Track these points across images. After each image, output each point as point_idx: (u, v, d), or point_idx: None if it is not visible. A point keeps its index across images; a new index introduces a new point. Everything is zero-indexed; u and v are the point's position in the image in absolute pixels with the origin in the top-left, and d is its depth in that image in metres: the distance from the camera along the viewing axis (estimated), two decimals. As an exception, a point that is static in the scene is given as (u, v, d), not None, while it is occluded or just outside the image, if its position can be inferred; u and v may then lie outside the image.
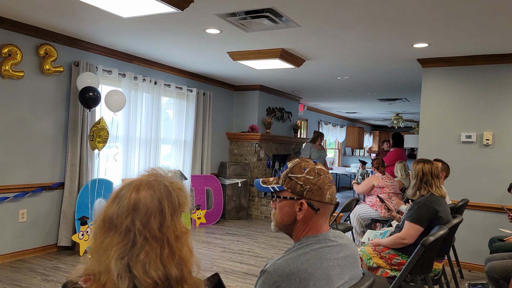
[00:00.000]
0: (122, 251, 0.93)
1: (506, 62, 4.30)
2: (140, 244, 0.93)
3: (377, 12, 3.20)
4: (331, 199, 1.35)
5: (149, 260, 0.92)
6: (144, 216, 0.95)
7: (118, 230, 0.94)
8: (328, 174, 1.37)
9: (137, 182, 1.01)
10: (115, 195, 1.00)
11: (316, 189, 1.32)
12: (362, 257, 3.01)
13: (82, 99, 4.17)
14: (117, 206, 0.97)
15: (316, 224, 1.34)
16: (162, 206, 0.97)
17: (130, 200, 0.96)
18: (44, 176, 4.27)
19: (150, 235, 0.94)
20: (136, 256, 0.93)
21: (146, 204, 0.96)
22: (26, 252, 4.14)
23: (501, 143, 4.35)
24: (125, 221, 0.94)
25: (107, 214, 0.97)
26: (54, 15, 3.64)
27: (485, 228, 4.37)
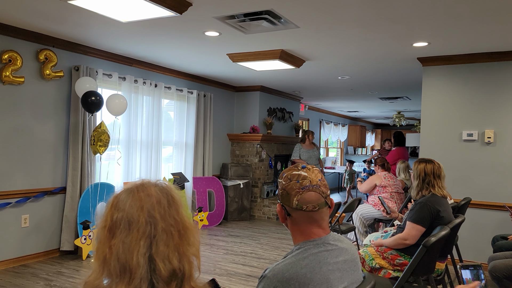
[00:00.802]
0: (146, 245, 0.92)
1: (506, 59, 4.28)
2: (160, 236, 0.94)
3: (375, 12, 3.19)
4: (299, 206, 1.32)
5: (170, 250, 0.94)
6: (158, 205, 0.96)
7: (135, 226, 0.94)
8: (303, 180, 1.34)
9: (138, 184, 1.01)
10: (115, 202, 0.98)
11: (284, 194, 1.35)
12: (364, 258, 3.00)
13: (85, 104, 4.19)
14: (126, 205, 0.96)
15: (305, 228, 1.34)
16: (172, 197, 1.00)
17: (140, 196, 0.97)
18: (45, 181, 4.28)
19: (168, 224, 0.96)
20: (157, 248, 0.93)
21: (158, 196, 0.98)
22: (29, 257, 4.16)
23: (502, 141, 4.33)
24: (142, 214, 0.94)
25: (114, 218, 0.96)
26: (53, 21, 3.65)
27: (488, 226, 4.35)
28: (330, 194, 1.42)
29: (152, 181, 1.03)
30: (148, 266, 0.91)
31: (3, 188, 3.92)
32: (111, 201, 0.99)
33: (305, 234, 1.34)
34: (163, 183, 1.04)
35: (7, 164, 3.96)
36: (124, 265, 0.91)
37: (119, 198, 0.99)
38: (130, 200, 0.97)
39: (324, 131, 11.39)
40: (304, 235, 1.34)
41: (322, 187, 1.35)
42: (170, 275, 0.92)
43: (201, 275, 1.21)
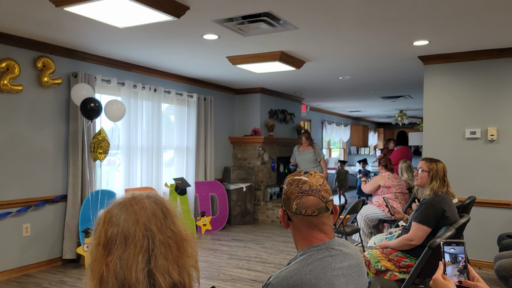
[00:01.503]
0: (145, 260, 0.89)
1: (507, 56, 4.24)
2: (158, 249, 0.91)
3: (375, 11, 3.15)
4: (299, 210, 1.31)
5: (169, 263, 0.91)
6: (154, 218, 0.94)
7: (132, 240, 0.90)
8: (303, 184, 1.32)
9: (130, 198, 0.97)
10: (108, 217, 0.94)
11: (285, 198, 1.36)
12: (370, 260, 2.96)
13: (84, 111, 4.16)
14: (120, 220, 0.92)
15: (305, 233, 1.33)
16: (166, 209, 0.98)
17: (134, 210, 0.94)
18: (46, 189, 4.26)
19: (165, 236, 0.93)
20: (156, 262, 0.90)
21: (153, 208, 0.95)
22: (31, 266, 4.13)
23: (506, 138, 4.28)
24: (138, 228, 0.92)
25: (109, 234, 0.92)
26: (51, 28, 3.64)
27: (493, 225, 4.30)
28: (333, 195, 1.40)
29: (144, 194, 1.00)
30: (147, 282, 0.88)
31: (3, 198, 3.90)
32: (102, 217, 0.96)
33: (307, 239, 1.33)
34: (156, 194, 1.01)
35: (7, 173, 3.94)
36: (122, 282, 0.88)
37: (111, 213, 0.95)
38: (124, 214, 0.93)
39: (326, 132, 11.35)
40: (306, 240, 1.33)
41: (323, 192, 1.32)
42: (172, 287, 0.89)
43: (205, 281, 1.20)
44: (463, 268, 1.26)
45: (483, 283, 1.26)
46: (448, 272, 1.26)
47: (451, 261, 1.27)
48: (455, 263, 1.26)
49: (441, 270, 1.27)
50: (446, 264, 1.27)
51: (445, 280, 1.24)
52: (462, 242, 1.27)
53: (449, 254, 1.27)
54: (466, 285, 1.25)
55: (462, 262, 1.26)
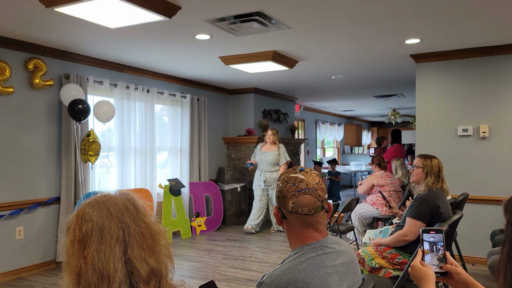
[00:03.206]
0: (122, 250, 0.93)
1: (498, 54, 4.28)
2: (133, 239, 0.94)
3: (366, 10, 3.17)
4: (295, 209, 1.30)
5: (145, 251, 0.95)
6: (126, 211, 0.97)
7: (108, 233, 0.93)
8: (300, 183, 1.31)
9: (101, 196, 1.01)
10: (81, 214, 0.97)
11: (281, 196, 1.34)
12: (364, 258, 2.98)
13: (72, 112, 4.13)
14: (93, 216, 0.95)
15: (300, 232, 1.32)
16: (137, 207, 1.01)
17: (107, 206, 0.97)
18: (39, 191, 4.23)
19: (140, 227, 0.96)
20: (132, 253, 0.93)
21: (124, 203, 0.99)
22: (24, 269, 4.09)
23: (497, 135, 4.32)
24: (112, 220, 0.95)
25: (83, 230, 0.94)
26: (41, 29, 3.61)
27: (486, 221, 4.33)
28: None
29: (113, 192, 1.04)
30: (125, 270, 0.91)
31: (-5, 201, 3.87)
32: (75, 215, 0.98)
33: (301, 238, 1.32)
34: (127, 193, 1.04)
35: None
36: (101, 272, 0.90)
37: (83, 211, 0.98)
38: (97, 210, 0.96)
39: (320, 131, 11.38)
40: (300, 239, 1.32)
41: (319, 191, 1.32)
42: (149, 275, 0.93)
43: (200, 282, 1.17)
44: (443, 256, 1.26)
45: (461, 269, 1.27)
46: (427, 260, 1.27)
47: (430, 249, 1.27)
48: (435, 251, 1.27)
49: (419, 256, 1.27)
50: (426, 252, 1.28)
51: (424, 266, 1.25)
52: (441, 230, 1.28)
53: (428, 243, 1.28)
54: (445, 269, 1.26)
55: (442, 250, 1.27)
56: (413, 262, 1.26)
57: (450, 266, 1.25)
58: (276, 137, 5.97)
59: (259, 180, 6.01)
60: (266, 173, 5.93)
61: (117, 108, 4.98)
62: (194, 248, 5.17)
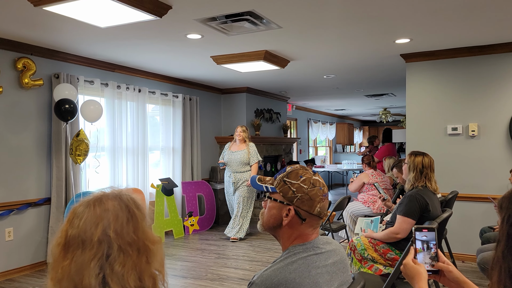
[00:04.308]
0: (98, 266, 0.88)
1: (486, 53, 4.33)
2: (116, 254, 0.89)
3: (357, 10, 3.19)
4: (319, 213, 1.32)
5: (126, 270, 0.89)
6: (115, 222, 0.91)
7: (88, 244, 0.89)
8: (324, 187, 1.33)
9: (97, 196, 0.96)
10: (72, 216, 0.94)
11: (307, 199, 1.30)
12: (356, 246, 3.00)
13: (58, 112, 4.08)
14: (81, 221, 0.91)
15: (302, 233, 1.32)
16: (132, 212, 0.95)
17: (96, 212, 0.92)
18: (29, 192, 4.19)
19: (125, 242, 0.90)
20: (111, 269, 0.88)
21: (116, 211, 0.93)
22: (14, 271, 4.05)
23: (486, 134, 4.38)
24: (96, 232, 0.89)
25: (69, 234, 0.91)
26: (30, 28, 3.57)
27: (475, 218, 4.39)
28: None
29: (116, 192, 0.98)
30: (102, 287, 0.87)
31: (-15, 202, 3.82)
32: (69, 215, 0.95)
33: (300, 237, 1.32)
34: (127, 195, 0.99)
35: (-12, 177, 3.86)
36: (75, 285, 0.87)
37: (76, 212, 0.94)
38: (86, 215, 0.92)
39: (312, 130, 11.42)
40: (299, 238, 1.32)
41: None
42: None
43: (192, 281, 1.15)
44: (435, 255, 1.28)
45: (453, 267, 1.28)
46: (420, 258, 1.27)
47: (423, 248, 1.28)
48: (427, 250, 1.28)
49: (411, 254, 1.28)
50: (418, 251, 1.28)
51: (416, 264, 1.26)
52: (433, 228, 1.29)
53: (421, 241, 1.29)
54: (437, 267, 1.27)
55: (434, 249, 1.28)
56: (406, 260, 1.27)
57: (442, 264, 1.26)
58: (246, 134, 5.59)
59: (228, 182, 5.60)
60: (236, 174, 5.51)
61: (109, 108, 4.95)
62: (187, 248, 5.16)
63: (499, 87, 4.32)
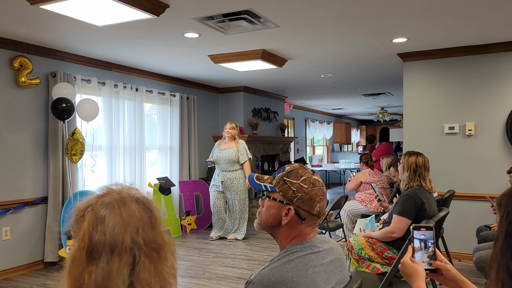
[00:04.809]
0: (127, 274, 0.85)
1: (483, 52, 4.35)
2: (142, 261, 0.87)
3: (354, 9, 3.19)
4: (319, 212, 1.32)
5: (152, 277, 0.87)
6: (142, 228, 0.89)
7: (118, 252, 0.86)
8: (323, 187, 1.34)
9: (117, 197, 0.92)
10: (94, 218, 0.89)
11: (307, 198, 1.30)
12: (353, 246, 3.01)
13: (55, 111, 4.07)
14: (107, 227, 0.87)
15: (301, 232, 1.32)
16: (150, 216, 0.93)
17: (122, 215, 0.89)
18: (26, 191, 4.17)
19: (150, 249, 0.89)
20: (138, 276, 0.86)
21: (141, 216, 0.90)
22: (11, 270, 4.04)
23: (483, 133, 4.40)
24: (126, 239, 0.87)
25: (95, 239, 0.87)
26: (27, 26, 3.56)
27: (472, 217, 4.40)
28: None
29: (131, 195, 0.94)
30: None
31: (-19, 201, 3.81)
32: (88, 215, 0.89)
33: (299, 236, 1.32)
34: (144, 197, 0.96)
35: (-15, 176, 3.84)
36: None
37: (97, 213, 0.89)
38: (112, 220, 0.88)
39: (309, 130, 11.43)
40: (297, 237, 1.32)
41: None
42: None
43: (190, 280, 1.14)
44: (433, 254, 1.28)
45: (450, 265, 1.28)
46: (417, 257, 1.28)
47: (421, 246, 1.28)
48: (425, 248, 1.28)
49: (409, 253, 1.28)
50: (416, 249, 1.29)
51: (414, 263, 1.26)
52: (431, 227, 1.29)
53: (419, 240, 1.29)
54: (435, 266, 1.28)
55: (432, 247, 1.28)
56: (403, 259, 1.27)
57: (440, 263, 1.27)
58: (236, 131, 5.40)
59: (217, 181, 5.42)
60: (225, 173, 5.34)
61: (106, 107, 4.94)
62: (184, 247, 5.16)
63: (496, 86, 4.34)
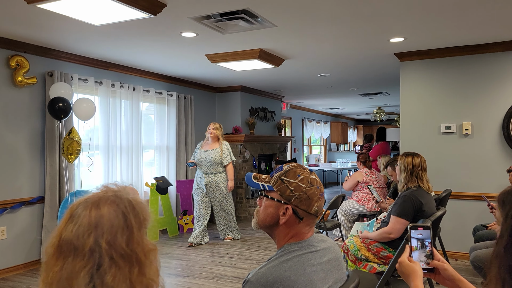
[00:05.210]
0: (88, 276, 0.84)
1: (480, 52, 4.36)
2: (107, 266, 0.85)
3: (351, 9, 3.20)
4: (317, 211, 1.33)
5: (117, 283, 0.85)
6: (109, 233, 0.87)
7: (80, 253, 0.85)
8: (321, 186, 1.35)
9: (94, 198, 0.92)
10: (69, 215, 0.90)
11: (305, 198, 1.30)
12: (349, 248, 3.02)
13: (52, 110, 4.06)
14: (76, 226, 0.87)
15: (299, 231, 1.33)
16: (128, 221, 0.90)
17: (91, 218, 0.88)
18: (23, 191, 4.16)
19: (117, 254, 0.87)
20: (102, 280, 0.85)
21: (111, 220, 0.88)
22: (8, 270, 4.03)
23: (479, 132, 4.42)
24: (88, 241, 0.86)
25: (63, 237, 0.87)
26: (23, 26, 3.54)
27: (468, 217, 4.42)
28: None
29: (117, 193, 0.94)
30: None
31: (-23, 201, 3.79)
32: (66, 213, 0.91)
33: (297, 236, 1.32)
34: (128, 198, 0.94)
35: (-19, 176, 3.83)
36: None
37: (73, 212, 0.90)
38: (81, 219, 0.88)
39: (306, 129, 11.44)
40: (295, 237, 1.32)
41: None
42: None
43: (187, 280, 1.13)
44: (430, 253, 1.29)
45: (448, 265, 1.29)
46: (415, 256, 1.28)
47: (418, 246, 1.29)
48: (422, 248, 1.29)
49: (407, 253, 1.29)
50: (413, 249, 1.29)
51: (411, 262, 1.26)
52: (428, 227, 1.30)
53: (416, 239, 1.30)
54: (433, 265, 1.28)
55: (429, 247, 1.29)
56: (401, 258, 1.27)
57: (437, 262, 1.27)
58: (220, 132, 5.14)
59: (200, 183, 5.14)
60: (209, 176, 5.06)
61: (103, 106, 4.93)
62: (181, 246, 5.15)
63: (493, 86, 4.36)
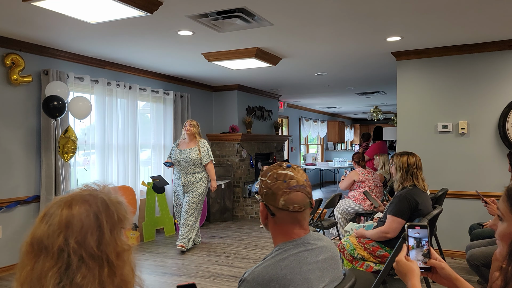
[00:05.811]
0: (57, 276, 0.84)
1: (476, 51, 4.37)
2: (76, 266, 0.85)
3: (348, 8, 3.19)
4: (286, 206, 1.30)
5: (86, 283, 0.84)
6: (79, 233, 0.87)
7: (49, 252, 0.85)
8: (291, 180, 1.31)
9: (68, 197, 0.92)
10: (43, 214, 0.91)
11: (270, 193, 1.32)
12: (345, 247, 3.02)
13: (46, 109, 4.03)
14: (47, 226, 0.87)
15: (287, 228, 1.33)
16: (100, 221, 0.90)
17: (61, 217, 0.88)
18: (18, 190, 4.13)
19: (87, 254, 0.86)
20: (71, 280, 0.84)
21: (81, 220, 0.88)
22: (3, 269, 4.00)
23: (475, 132, 4.43)
24: (57, 241, 0.85)
25: (35, 236, 0.88)
26: (19, 23, 3.52)
27: (465, 215, 4.44)
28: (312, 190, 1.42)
29: (93, 192, 0.94)
30: None
31: (-28, 200, 3.77)
32: (42, 211, 0.91)
33: (286, 234, 1.32)
34: (103, 197, 0.93)
35: (-24, 174, 3.80)
36: None
37: (47, 211, 0.90)
38: (53, 219, 0.88)
39: (303, 128, 11.45)
40: (285, 235, 1.32)
41: (308, 188, 1.34)
42: None
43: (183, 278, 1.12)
44: (427, 252, 1.29)
45: (445, 264, 1.29)
46: (412, 255, 1.28)
47: (415, 245, 1.29)
48: (419, 247, 1.29)
49: (404, 252, 1.29)
50: (410, 248, 1.29)
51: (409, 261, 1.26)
52: (425, 226, 1.30)
53: (413, 238, 1.30)
54: (430, 264, 1.28)
55: (426, 246, 1.29)
56: (398, 257, 1.27)
57: (435, 261, 1.27)
58: (197, 129, 4.85)
59: (177, 185, 4.90)
60: (186, 176, 4.79)
61: (99, 105, 4.90)
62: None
63: (489, 85, 4.37)
